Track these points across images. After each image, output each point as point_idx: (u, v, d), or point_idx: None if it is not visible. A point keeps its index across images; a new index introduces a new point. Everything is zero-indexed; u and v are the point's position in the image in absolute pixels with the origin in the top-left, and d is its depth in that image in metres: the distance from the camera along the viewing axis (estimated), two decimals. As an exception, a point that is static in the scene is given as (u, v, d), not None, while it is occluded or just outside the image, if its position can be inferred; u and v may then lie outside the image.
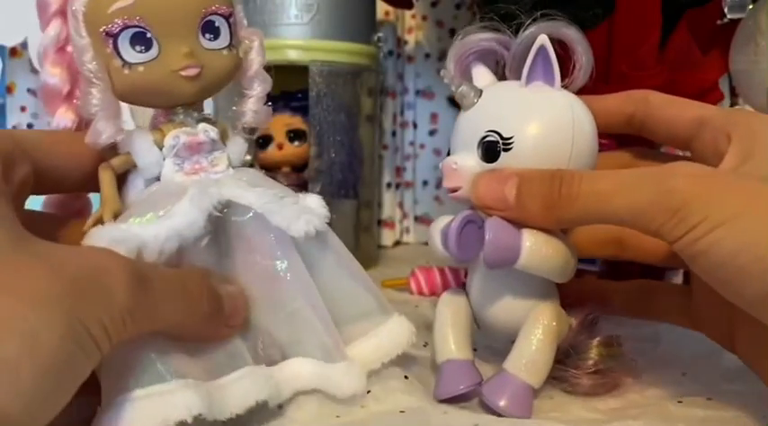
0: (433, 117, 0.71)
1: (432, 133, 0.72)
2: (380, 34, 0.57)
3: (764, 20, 0.42)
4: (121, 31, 0.24)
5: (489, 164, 0.27)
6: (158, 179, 0.27)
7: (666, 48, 0.44)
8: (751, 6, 0.43)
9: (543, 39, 0.28)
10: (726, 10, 0.43)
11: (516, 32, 0.29)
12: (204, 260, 0.26)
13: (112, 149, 0.26)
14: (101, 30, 0.24)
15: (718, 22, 0.46)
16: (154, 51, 0.25)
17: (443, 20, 0.70)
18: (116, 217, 0.25)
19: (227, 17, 0.27)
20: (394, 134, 0.71)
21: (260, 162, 0.54)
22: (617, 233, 0.34)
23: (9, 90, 0.65)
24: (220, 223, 0.26)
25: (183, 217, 0.24)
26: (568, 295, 0.31)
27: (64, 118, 0.28)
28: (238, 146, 0.29)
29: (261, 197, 0.27)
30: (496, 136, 0.27)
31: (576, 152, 0.27)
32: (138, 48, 0.25)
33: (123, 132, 0.26)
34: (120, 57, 0.25)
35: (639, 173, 0.26)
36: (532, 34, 0.28)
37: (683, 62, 0.45)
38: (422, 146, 0.72)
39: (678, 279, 0.45)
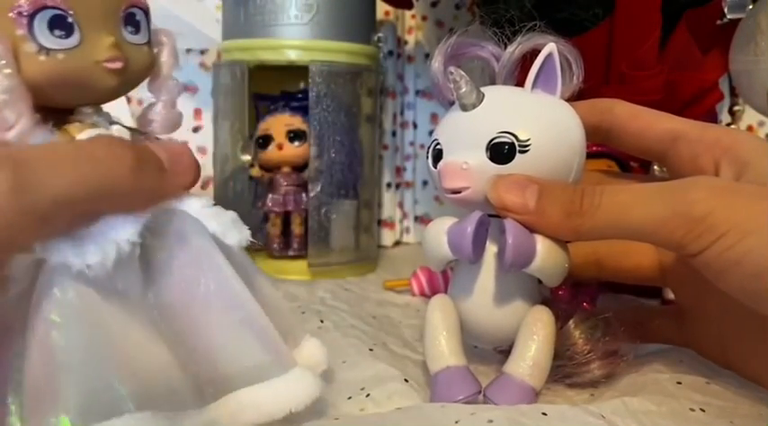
0: (433, 117, 0.71)
1: (432, 133, 0.71)
2: (380, 34, 0.56)
3: (764, 20, 0.42)
4: (37, 11, 0.22)
5: (500, 166, 0.27)
6: None
7: (666, 49, 0.44)
8: (751, 6, 0.43)
9: (551, 48, 0.28)
10: (726, 10, 0.43)
11: (513, 35, 0.29)
12: (134, 275, 0.23)
13: None
14: (11, 8, 0.22)
15: (718, 22, 0.46)
16: (75, 38, 0.23)
17: (443, 20, 0.70)
18: None
19: (145, 12, 0.25)
20: (394, 134, 0.71)
21: (260, 162, 0.54)
22: (596, 254, 0.35)
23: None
24: (153, 231, 0.23)
25: (126, 227, 0.22)
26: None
27: None
28: None
29: (197, 201, 0.25)
30: (511, 137, 0.27)
31: (579, 159, 0.28)
32: (57, 32, 0.22)
33: (33, 126, 0.22)
34: (36, 41, 0.22)
35: (660, 186, 0.26)
36: (524, 46, 0.29)
37: (683, 62, 0.45)
38: (422, 146, 0.72)
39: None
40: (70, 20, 0.22)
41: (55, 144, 0.21)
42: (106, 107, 0.26)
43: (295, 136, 0.54)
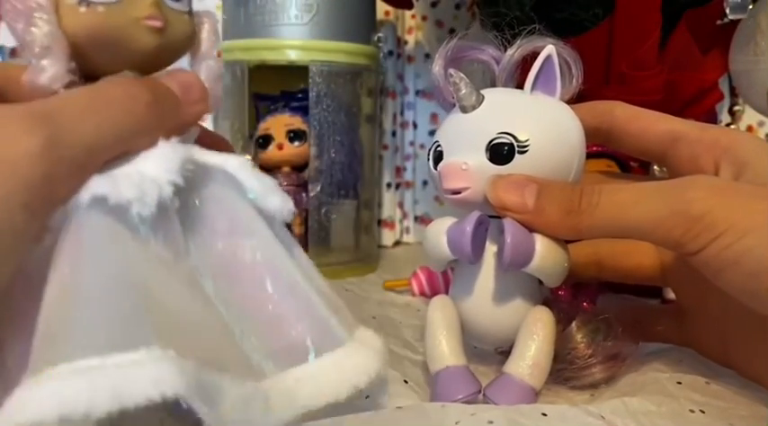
0: (433, 117, 0.71)
1: (432, 133, 0.72)
2: (380, 34, 0.56)
3: (764, 20, 0.42)
4: None
5: (499, 166, 0.27)
6: None
7: (666, 48, 0.44)
8: (751, 6, 0.43)
9: (550, 50, 0.28)
10: (727, 10, 0.43)
11: (513, 37, 0.29)
12: (175, 230, 0.22)
13: None
14: None
15: (719, 22, 0.46)
16: None
17: (443, 20, 0.70)
18: None
19: None
20: (394, 134, 0.71)
21: (260, 162, 0.54)
22: (597, 255, 0.35)
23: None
24: (188, 185, 0.22)
25: (161, 163, 0.21)
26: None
27: None
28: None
29: (234, 158, 0.24)
30: (510, 138, 0.27)
31: (578, 160, 0.28)
32: None
33: (71, 77, 0.22)
34: None
35: (658, 185, 0.26)
36: (524, 48, 0.29)
37: (683, 62, 0.45)
38: (422, 146, 0.72)
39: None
40: None
41: (72, 92, 0.21)
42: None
43: (295, 136, 0.54)
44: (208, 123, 0.67)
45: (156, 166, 0.21)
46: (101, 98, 0.21)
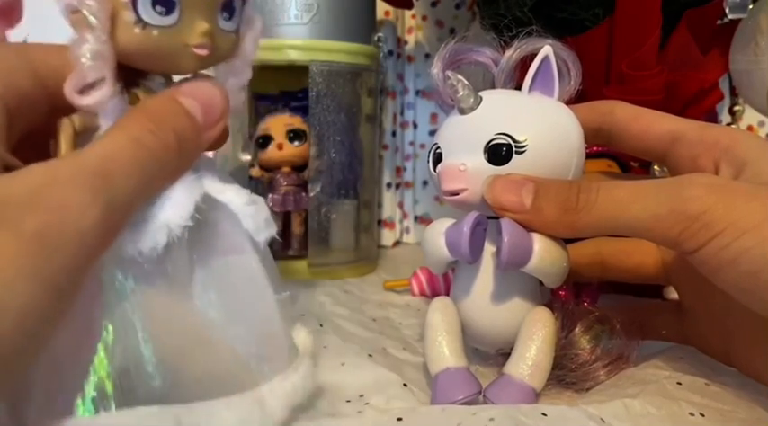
0: (433, 117, 0.71)
1: (432, 133, 0.72)
2: (380, 34, 0.56)
3: (764, 20, 0.42)
4: None
5: (498, 167, 0.27)
6: None
7: (666, 48, 0.44)
8: (751, 6, 0.43)
9: (548, 51, 0.28)
10: (727, 10, 0.43)
11: (512, 38, 0.29)
12: (182, 259, 0.23)
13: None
14: None
15: (719, 22, 0.46)
16: (173, 18, 0.22)
17: (443, 20, 0.70)
18: None
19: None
20: (394, 134, 0.71)
21: (260, 162, 0.54)
22: (599, 255, 0.35)
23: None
24: (199, 217, 0.23)
25: (176, 211, 0.22)
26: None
27: None
28: None
29: (239, 195, 0.25)
30: (508, 139, 0.27)
31: (577, 160, 0.28)
32: (158, 8, 0.22)
33: (112, 94, 0.22)
34: (136, 12, 0.22)
35: (656, 183, 0.26)
36: (522, 50, 0.29)
37: (683, 62, 0.45)
38: (422, 146, 0.72)
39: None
40: None
41: (117, 142, 0.21)
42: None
43: (295, 136, 0.54)
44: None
45: (173, 213, 0.22)
46: (140, 150, 0.21)
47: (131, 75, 0.24)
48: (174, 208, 0.22)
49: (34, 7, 0.29)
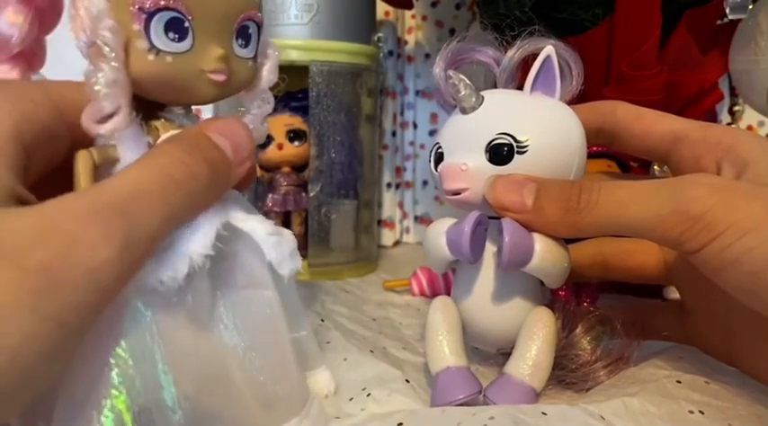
0: (433, 117, 0.71)
1: (432, 133, 0.72)
2: (380, 34, 0.57)
3: (764, 20, 0.42)
4: (159, 11, 0.21)
5: (499, 167, 0.27)
6: None
7: (666, 49, 0.44)
8: (751, 6, 0.43)
9: (549, 51, 0.28)
10: (727, 10, 0.43)
11: (513, 38, 0.29)
12: (204, 288, 0.23)
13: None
14: (134, 1, 0.21)
15: (719, 22, 0.46)
16: (187, 44, 0.22)
17: (443, 20, 0.70)
18: None
19: (259, 26, 0.25)
20: (394, 134, 0.71)
21: (260, 162, 0.54)
22: (601, 255, 0.35)
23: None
24: (221, 247, 0.23)
25: (197, 240, 0.22)
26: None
27: (6, 76, 0.23)
28: None
29: (263, 225, 0.25)
30: (509, 138, 0.27)
31: (578, 160, 0.28)
32: (171, 35, 0.22)
33: (128, 123, 0.22)
34: (149, 39, 0.21)
35: (658, 183, 0.25)
36: (524, 49, 0.29)
37: (683, 62, 0.45)
38: (422, 147, 0.72)
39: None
40: (187, 24, 0.22)
41: (141, 175, 0.20)
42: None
43: (295, 136, 0.54)
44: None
45: (195, 242, 0.22)
46: (169, 185, 0.21)
47: (150, 109, 0.23)
48: (197, 237, 0.22)
49: (55, 51, 0.28)
